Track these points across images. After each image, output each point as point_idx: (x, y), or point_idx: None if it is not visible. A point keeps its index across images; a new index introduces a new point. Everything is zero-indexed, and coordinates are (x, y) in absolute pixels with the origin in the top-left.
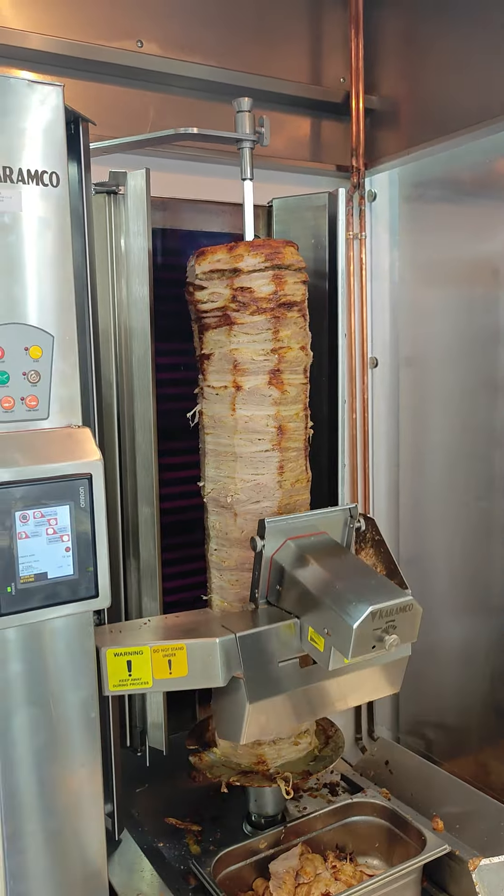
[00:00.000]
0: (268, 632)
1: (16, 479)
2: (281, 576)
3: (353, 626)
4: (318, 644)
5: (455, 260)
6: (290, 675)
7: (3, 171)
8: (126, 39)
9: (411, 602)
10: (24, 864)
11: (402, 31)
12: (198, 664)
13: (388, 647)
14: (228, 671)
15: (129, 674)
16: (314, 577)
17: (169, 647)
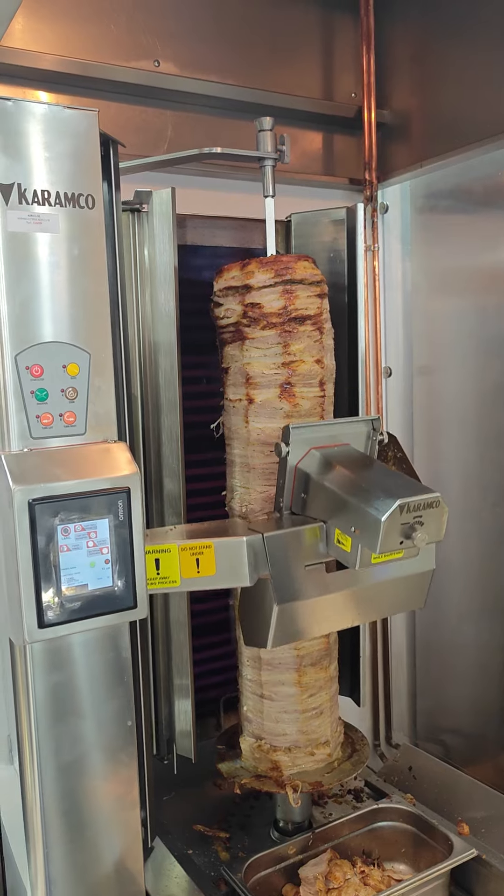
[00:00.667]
0: (294, 533)
1: (58, 494)
2: (306, 483)
3: (382, 520)
4: (345, 545)
5: (467, 269)
6: (317, 580)
7: (41, 194)
8: (143, 59)
9: (438, 498)
10: (63, 871)
11: (413, 46)
12: (225, 563)
13: (416, 542)
14: (255, 571)
15: (158, 572)
16: (340, 480)
17: (197, 546)
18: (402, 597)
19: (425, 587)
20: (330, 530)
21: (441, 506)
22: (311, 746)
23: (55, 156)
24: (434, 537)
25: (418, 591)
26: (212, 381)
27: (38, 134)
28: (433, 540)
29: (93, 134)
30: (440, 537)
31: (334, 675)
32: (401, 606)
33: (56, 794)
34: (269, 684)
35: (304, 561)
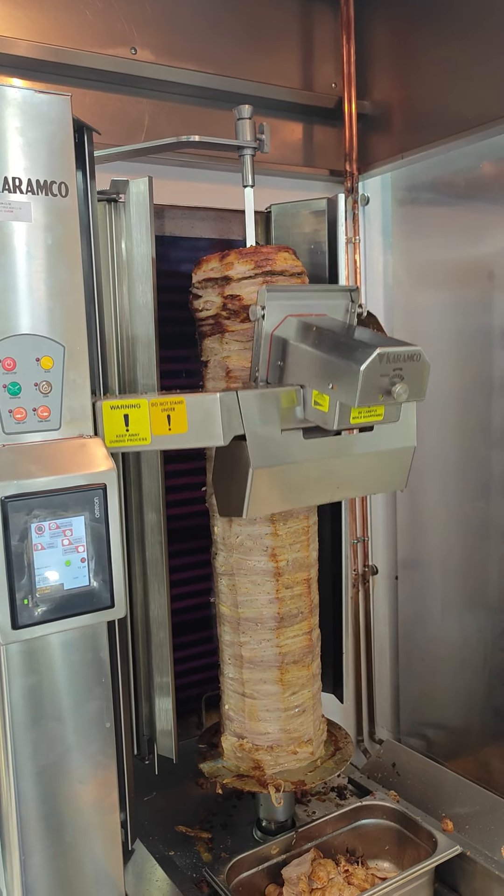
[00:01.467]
0: (270, 394)
1: (31, 491)
2: (283, 350)
3: (361, 369)
4: (323, 405)
5: (449, 262)
6: (294, 445)
7: (12, 181)
8: (120, 46)
9: (420, 352)
10: (40, 877)
11: (394, 36)
12: (198, 420)
13: (396, 396)
14: (230, 430)
15: (127, 429)
16: (319, 341)
17: (168, 401)
18: (382, 474)
19: (406, 467)
20: (307, 394)
21: (422, 360)
22: (293, 745)
23: (27, 142)
24: (415, 394)
25: (399, 471)
26: (191, 375)
27: (9, 118)
28: (414, 397)
29: (66, 119)
30: (422, 395)
31: (317, 673)
32: (382, 485)
33: (33, 799)
34: (251, 682)
35: (280, 424)
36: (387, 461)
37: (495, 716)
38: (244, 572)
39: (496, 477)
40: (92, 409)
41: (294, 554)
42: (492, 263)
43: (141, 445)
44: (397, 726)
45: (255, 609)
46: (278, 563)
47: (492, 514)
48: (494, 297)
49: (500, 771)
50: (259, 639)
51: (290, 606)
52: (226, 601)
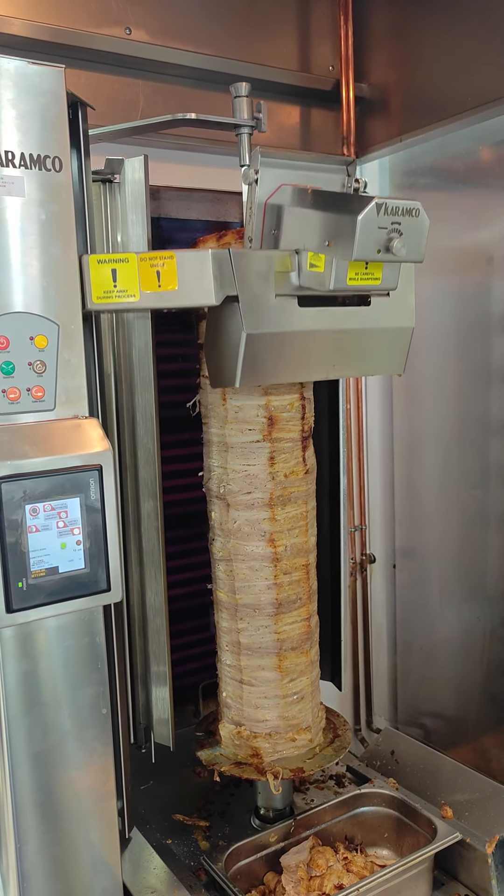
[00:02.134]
0: (263, 255)
1: (25, 472)
2: (278, 217)
3: (359, 218)
4: (319, 265)
5: (448, 248)
6: (289, 312)
7: (4, 155)
8: (114, 26)
9: (419, 207)
10: (36, 864)
11: (392, 18)
12: (189, 277)
13: (394, 251)
14: (221, 289)
15: (115, 284)
16: (315, 201)
17: (157, 256)
18: (379, 355)
19: (404, 348)
20: (302, 259)
21: (422, 216)
22: (291, 732)
23: (20, 114)
24: (413, 253)
25: (397, 353)
26: (188, 359)
27: (1, 90)
28: (412, 256)
29: (59, 92)
30: (420, 255)
31: (315, 660)
32: (379, 366)
33: (29, 786)
34: (249, 669)
35: (274, 289)
36: (384, 340)
37: (493, 704)
38: (242, 558)
39: (494, 465)
40: (87, 390)
41: (292, 539)
42: (491, 249)
43: (129, 302)
44: (395, 715)
45: (252, 595)
46: (276, 548)
47: (490, 502)
48: (493, 283)
49: (499, 759)
50: (257, 625)
51: (288, 592)
52: (223, 587)
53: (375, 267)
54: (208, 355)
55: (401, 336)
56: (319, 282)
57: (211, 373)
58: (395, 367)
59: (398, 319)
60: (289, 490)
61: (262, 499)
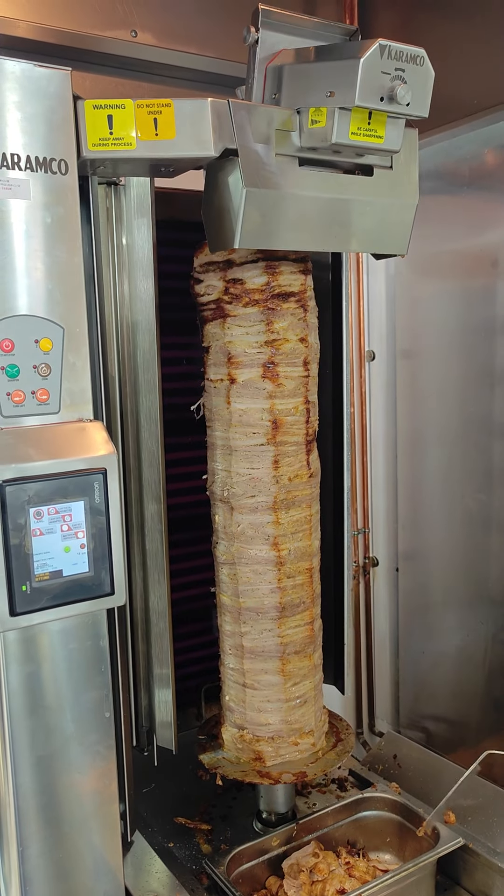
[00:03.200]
0: (263, 109)
1: (30, 475)
2: (278, 78)
3: (361, 60)
4: (320, 120)
5: (452, 251)
6: (289, 173)
7: (10, 157)
8: (120, 29)
9: (423, 54)
10: (38, 867)
11: (398, 21)
12: (187, 126)
13: (398, 98)
14: (220, 140)
15: (111, 132)
16: (317, 54)
17: (154, 104)
18: (382, 231)
19: (408, 227)
20: (304, 119)
21: (426, 65)
22: (294, 736)
23: (26, 117)
24: (417, 106)
25: (400, 230)
26: (192, 362)
27: (8, 93)
28: (417, 109)
29: (65, 95)
30: (425, 109)
31: (318, 664)
32: (381, 244)
33: (31, 789)
34: (252, 673)
35: (275, 147)
36: (386, 215)
37: (495, 708)
38: (245, 561)
39: (498, 468)
40: (92, 393)
41: (296, 543)
42: (495, 252)
43: (125, 151)
44: (397, 718)
45: (256, 599)
46: (280, 552)
47: (493, 506)
48: (498, 287)
49: (501, 764)
50: (260, 629)
51: (291, 596)
52: (227, 591)
53: (378, 123)
54: (206, 218)
55: (403, 211)
56: (321, 137)
57: (210, 236)
58: (399, 246)
59: (401, 193)
60: (293, 494)
61: (267, 502)
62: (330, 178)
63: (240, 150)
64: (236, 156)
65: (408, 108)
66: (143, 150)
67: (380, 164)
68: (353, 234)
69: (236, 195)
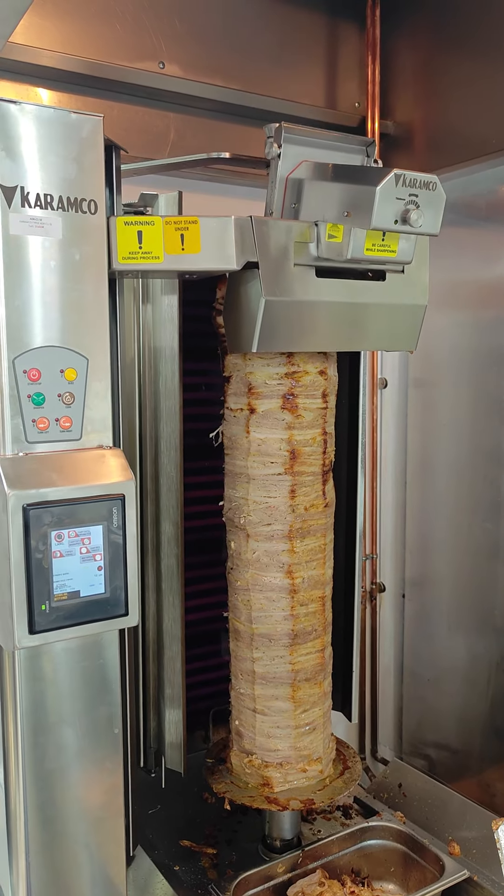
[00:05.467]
0: (283, 224)
1: (52, 500)
2: (298, 190)
3: (377, 188)
4: (337, 235)
5: (466, 283)
6: (306, 281)
7: (44, 198)
8: (148, 60)
9: (436, 180)
10: (45, 880)
11: (419, 58)
12: (211, 241)
13: (411, 222)
14: (242, 254)
15: (140, 246)
16: (336, 173)
17: (182, 221)
18: (393, 330)
19: (417, 326)
20: (321, 231)
21: (438, 190)
22: (303, 763)
23: (59, 160)
24: (430, 225)
25: (410, 329)
26: (211, 388)
27: (42, 138)
28: (428, 228)
29: (97, 139)
30: (436, 228)
31: (328, 691)
32: (393, 342)
33: (40, 802)
34: (263, 699)
35: (293, 258)
36: (398, 316)
37: (497, 738)
38: (259, 588)
39: None
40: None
41: (310, 571)
42: None
43: (153, 264)
44: (399, 745)
45: (269, 625)
46: (294, 579)
47: (500, 535)
48: None
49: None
50: (272, 655)
51: (304, 624)
52: (240, 616)
53: (392, 239)
54: (227, 321)
55: (414, 313)
56: (337, 251)
57: (230, 338)
58: (408, 343)
59: (412, 296)
60: (308, 523)
61: (282, 531)
62: (345, 285)
63: (260, 263)
64: (257, 267)
65: (420, 229)
66: (169, 263)
67: (392, 269)
68: (366, 335)
69: (256, 303)
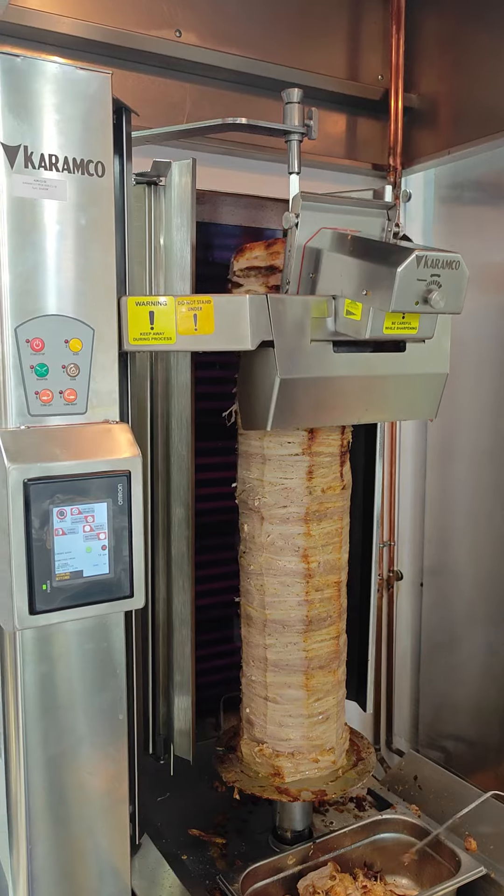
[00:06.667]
0: (301, 301)
1: (54, 475)
2: (316, 260)
3: (398, 271)
4: (355, 314)
5: (492, 265)
6: (323, 358)
7: (49, 159)
8: (164, 28)
9: (459, 259)
10: (46, 867)
11: (445, 29)
12: (225, 322)
13: (432, 303)
14: (258, 334)
15: (152, 327)
16: (354, 248)
17: (195, 300)
18: (413, 400)
19: (438, 394)
20: (339, 305)
21: (461, 268)
22: (315, 753)
23: (65, 119)
24: (451, 305)
25: (431, 398)
26: (225, 367)
27: (48, 94)
28: (451, 308)
29: (105, 98)
30: (458, 307)
31: (342, 680)
32: (412, 412)
33: (42, 788)
34: (275, 686)
35: (310, 335)
36: (418, 386)
37: None
38: (273, 572)
39: None
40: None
41: (326, 555)
42: None
43: (165, 345)
44: (415, 736)
45: (283, 611)
46: (310, 564)
47: None
48: None
49: None
50: (285, 642)
51: (319, 610)
52: (252, 602)
53: (413, 316)
54: (241, 396)
55: (435, 381)
56: (355, 330)
57: (243, 414)
58: (428, 411)
59: (433, 365)
60: (325, 505)
61: (298, 513)
62: (363, 358)
63: (276, 341)
64: (272, 346)
65: (442, 308)
66: (182, 344)
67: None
68: (385, 406)
69: (270, 381)
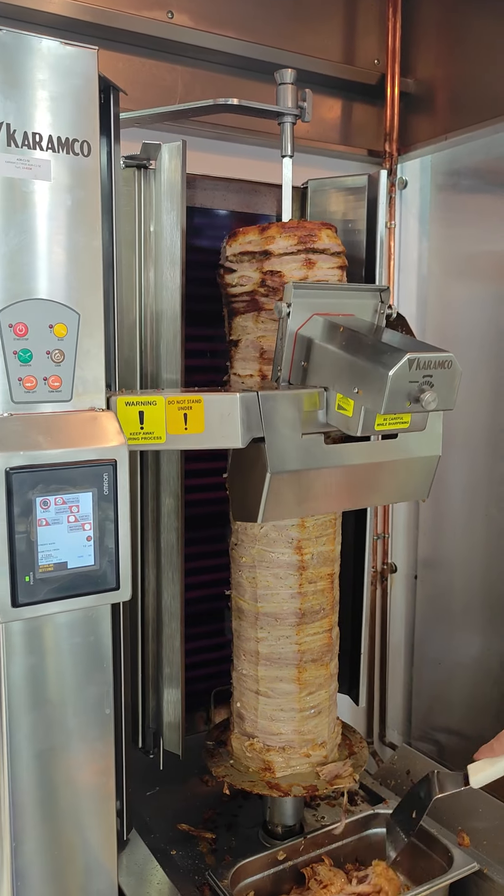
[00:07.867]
0: (292, 396)
1: (38, 464)
2: (307, 350)
3: (389, 374)
4: (347, 409)
5: (489, 253)
6: (314, 451)
7: (32, 137)
8: (156, 9)
9: (451, 359)
10: (32, 863)
11: (442, 13)
12: (215, 421)
13: (424, 404)
14: (248, 432)
15: (142, 426)
16: (346, 342)
17: (185, 400)
18: (405, 483)
19: (430, 476)
20: (331, 397)
21: (454, 367)
22: (306, 747)
23: (50, 96)
24: (444, 403)
25: (423, 480)
26: (216, 355)
27: (32, 70)
28: (443, 406)
29: (91, 75)
30: (451, 404)
31: (334, 673)
32: (404, 494)
33: (28, 783)
34: (266, 680)
35: (301, 428)
36: (410, 470)
37: None
38: (266, 565)
39: None
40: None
41: (320, 547)
42: None
43: (155, 444)
44: (408, 730)
45: (275, 604)
46: (303, 556)
47: None
48: None
49: None
50: (277, 635)
51: (312, 602)
52: (244, 594)
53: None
54: (231, 487)
55: (427, 464)
56: (347, 426)
57: (233, 504)
58: (421, 493)
59: (425, 449)
60: None
61: None
62: (354, 448)
63: (266, 438)
64: (263, 442)
65: (433, 408)
66: (172, 443)
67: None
68: (377, 491)
69: (261, 475)
